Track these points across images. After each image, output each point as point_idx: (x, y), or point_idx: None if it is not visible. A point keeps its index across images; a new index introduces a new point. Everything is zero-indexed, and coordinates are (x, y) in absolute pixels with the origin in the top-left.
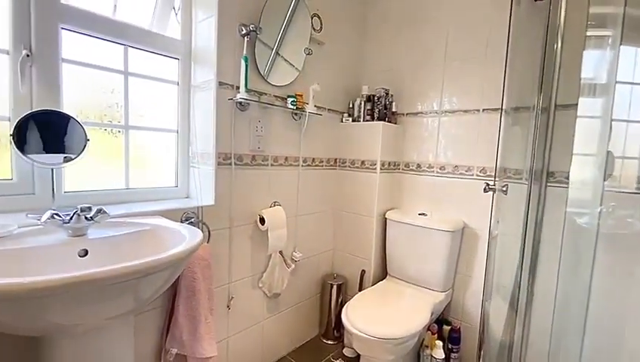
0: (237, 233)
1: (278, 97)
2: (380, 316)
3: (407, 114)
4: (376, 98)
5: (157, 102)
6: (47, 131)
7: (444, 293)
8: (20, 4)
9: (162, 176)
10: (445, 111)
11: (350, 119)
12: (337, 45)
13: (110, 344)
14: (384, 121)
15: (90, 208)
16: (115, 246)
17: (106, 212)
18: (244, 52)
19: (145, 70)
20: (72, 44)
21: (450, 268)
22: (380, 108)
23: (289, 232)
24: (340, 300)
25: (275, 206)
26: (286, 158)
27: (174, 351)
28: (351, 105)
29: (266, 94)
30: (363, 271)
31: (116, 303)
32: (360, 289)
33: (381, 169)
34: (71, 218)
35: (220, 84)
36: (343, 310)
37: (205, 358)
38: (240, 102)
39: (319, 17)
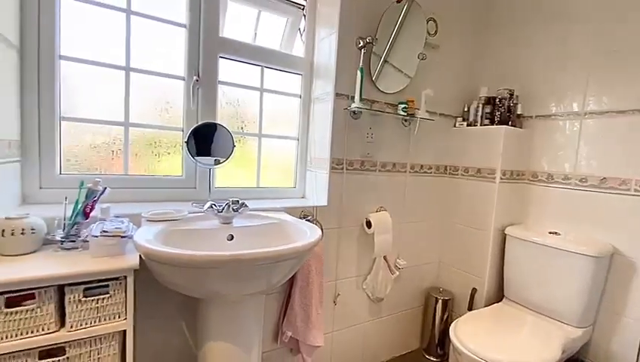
0: (345, 233)
1: (389, 104)
2: (496, 341)
3: (536, 116)
4: (497, 100)
5: (283, 114)
6: (206, 138)
7: (580, 329)
8: (192, 40)
9: (283, 178)
10: (590, 113)
11: (465, 124)
12: (453, 47)
13: (247, 315)
14: (506, 124)
15: (237, 201)
16: (253, 234)
17: (247, 206)
18: (361, 63)
19: (274, 86)
20: (224, 68)
21: (591, 301)
22: (502, 111)
23: (394, 238)
24: (445, 316)
25: (381, 211)
26: (394, 165)
27: (289, 333)
28: (466, 109)
29: (377, 102)
30: (474, 290)
31: (255, 282)
32: (470, 309)
33: (501, 178)
34: (223, 208)
35: (337, 95)
36: (451, 327)
37: (314, 346)
38: (354, 111)
39: (435, 21)
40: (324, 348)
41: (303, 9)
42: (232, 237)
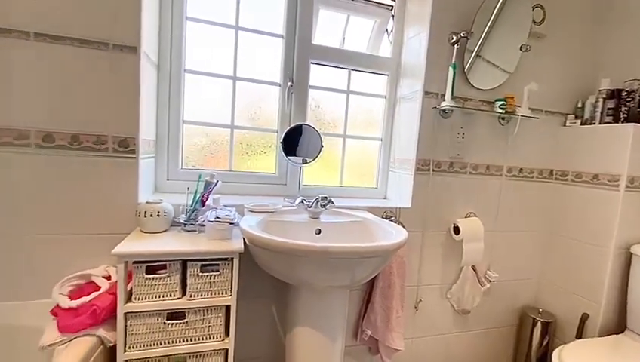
0: (429, 238)
1: (484, 102)
2: None
3: None
4: (624, 93)
5: (365, 114)
6: (297, 139)
7: None
8: (288, 49)
9: (361, 177)
10: None
11: (578, 122)
12: (563, 36)
13: (333, 307)
14: (637, 122)
15: (326, 198)
16: (338, 230)
17: (333, 203)
18: (453, 60)
19: (359, 87)
20: (313, 72)
21: None
22: (631, 107)
23: (485, 248)
24: (545, 341)
25: (470, 216)
26: (487, 167)
27: (368, 332)
28: (580, 105)
29: (470, 100)
30: (585, 315)
31: (339, 275)
32: (579, 336)
33: (628, 186)
34: (312, 204)
35: (426, 93)
36: (555, 353)
37: (393, 349)
38: (444, 110)
39: (542, 7)
40: (404, 353)
41: (391, 9)
42: (319, 231)
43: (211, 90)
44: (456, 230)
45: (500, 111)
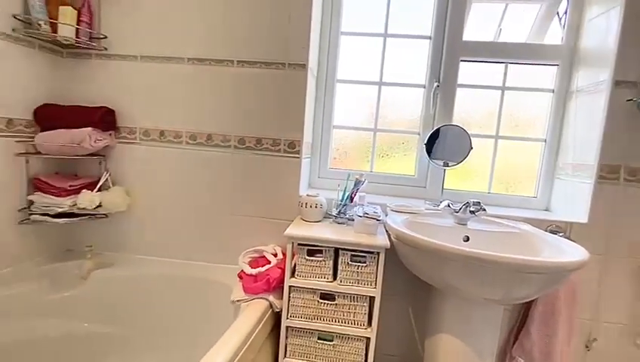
0: (614, 263)
1: None
2: None
3: None
4: None
5: (526, 112)
6: (441, 140)
7: None
8: (435, 49)
9: (513, 184)
10: None
11: None
12: None
13: (483, 322)
14: None
15: (478, 203)
16: (490, 239)
17: (485, 209)
18: None
19: (518, 82)
20: (463, 71)
21: None
22: None
23: None
24: None
25: None
26: None
27: (521, 360)
28: None
29: None
30: None
31: (491, 288)
32: None
33: None
34: (460, 209)
35: (617, 83)
36: None
37: None
38: None
39: None
40: None
41: None
42: (467, 239)
43: (351, 95)
44: None
45: None
